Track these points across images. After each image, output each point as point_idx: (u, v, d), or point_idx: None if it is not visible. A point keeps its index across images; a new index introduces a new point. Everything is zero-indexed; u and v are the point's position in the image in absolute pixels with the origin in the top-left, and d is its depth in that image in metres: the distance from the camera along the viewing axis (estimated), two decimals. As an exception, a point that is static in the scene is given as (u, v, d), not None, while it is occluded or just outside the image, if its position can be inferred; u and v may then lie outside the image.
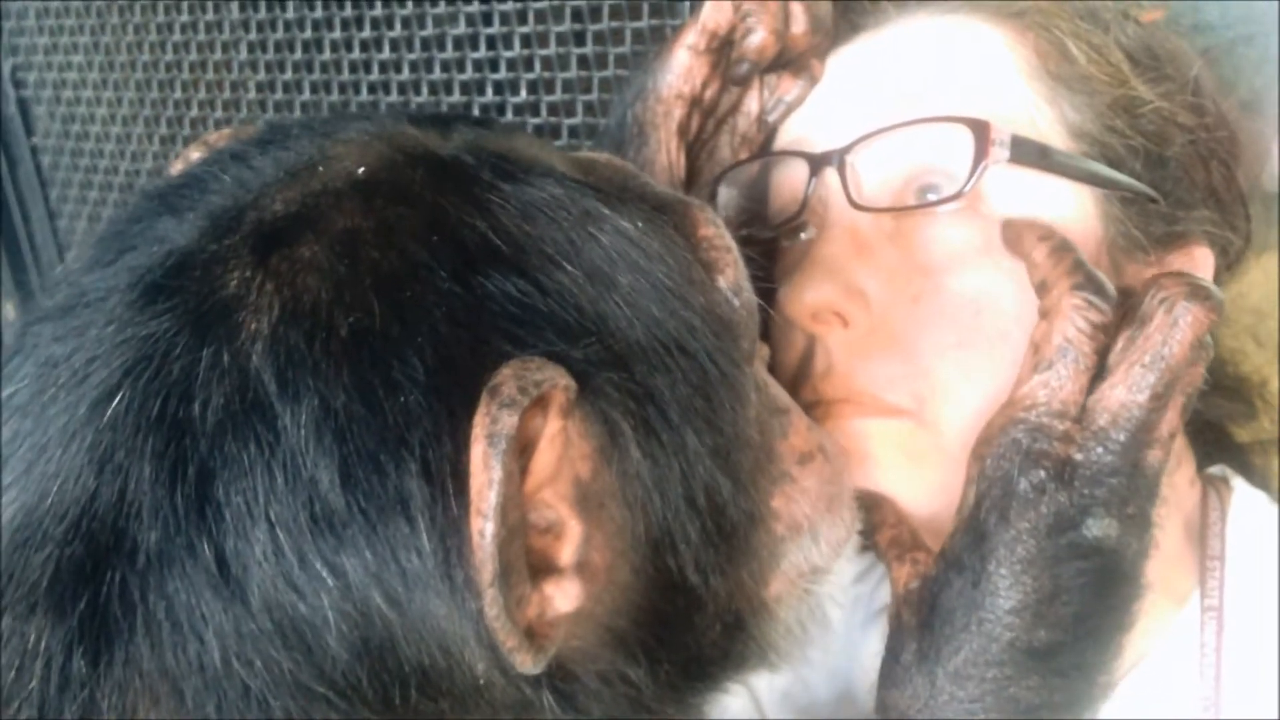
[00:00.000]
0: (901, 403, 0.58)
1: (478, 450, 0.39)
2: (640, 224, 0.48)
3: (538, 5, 0.94)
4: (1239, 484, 0.68)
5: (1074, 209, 0.59)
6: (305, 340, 0.41)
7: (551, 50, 0.94)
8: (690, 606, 0.48)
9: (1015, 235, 0.56)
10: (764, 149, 0.69)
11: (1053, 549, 0.51)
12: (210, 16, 1.17)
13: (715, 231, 0.51)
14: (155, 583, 0.40)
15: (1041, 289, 0.54)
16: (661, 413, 0.45)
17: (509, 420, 0.39)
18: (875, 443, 0.58)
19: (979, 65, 0.61)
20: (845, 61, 0.65)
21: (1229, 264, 0.66)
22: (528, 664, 0.41)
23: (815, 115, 0.65)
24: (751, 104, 0.69)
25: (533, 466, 0.42)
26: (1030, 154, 0.58)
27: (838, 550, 0.54)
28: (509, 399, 0.39)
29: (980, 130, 0.58)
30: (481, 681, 0.42)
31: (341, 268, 0.42)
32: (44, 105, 1.43)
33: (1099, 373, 0.52)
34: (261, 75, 1.15)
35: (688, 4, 0.87)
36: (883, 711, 0.55)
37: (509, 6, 0.96)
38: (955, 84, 0.61)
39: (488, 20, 0.98)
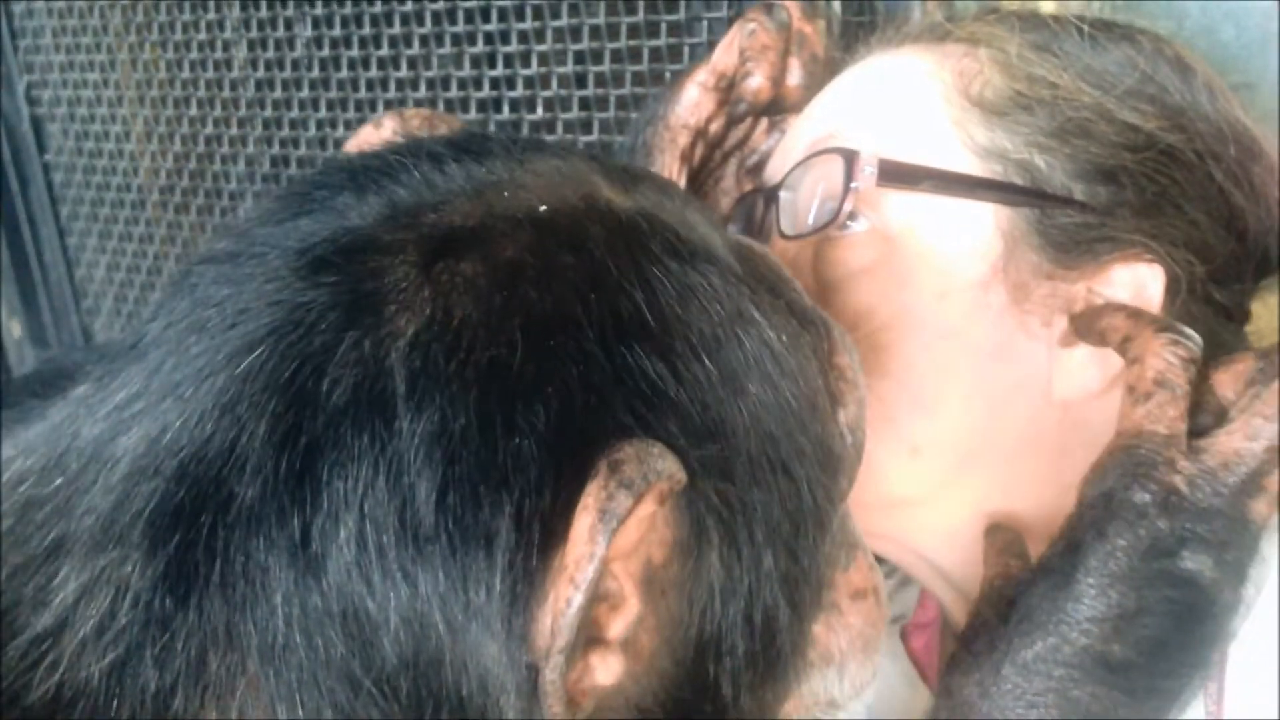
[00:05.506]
0: None
1: (586, 521, 0.40)
2: (785, 338, 0.49)
3: (555, 24, 0.96)
4: None
5: (967, 222, 0.63)
6: (445, 355, 0.41)
7: (569, 68, 0.96)
8: (716, 713, 0.48)
9: (1088, 319, 0.60)
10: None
11: (1145, 571, 0.53)
12: (228, 35, 1.19)
13: (849, 363, 0.52)
14: (241, 538, 0.41)
15: (1125, 343, 0.57)
16: (750, 529, 0.46)
17: (625, 502, 0.40)
18: None
19: (895, 98, 0.66)
20: (808, 106, 0.71)
21: (1267, 271, 0.68)
22: None
23: (778, 156, 0.71)
24: (756, 141, 0.75)
25: (613, 538, 0.42)
26: (899, 176, 0.63)
27: (858, 691, 0.55)
28: (629, 480, 0.40)
29: (850, 158, 0.62)
30: None
31: (498, 297, 0.43)
32: (58, 122, 1.44)
33: (1218, 420, 0.55)
34: (279, 93, 1.16)
35: (705, 23, 0.89)
36: (945, 697, 0.56)
37: (527, 25, 0.97)
38: (872, 118, 0.66)
39: (505, 39, 0.99)
